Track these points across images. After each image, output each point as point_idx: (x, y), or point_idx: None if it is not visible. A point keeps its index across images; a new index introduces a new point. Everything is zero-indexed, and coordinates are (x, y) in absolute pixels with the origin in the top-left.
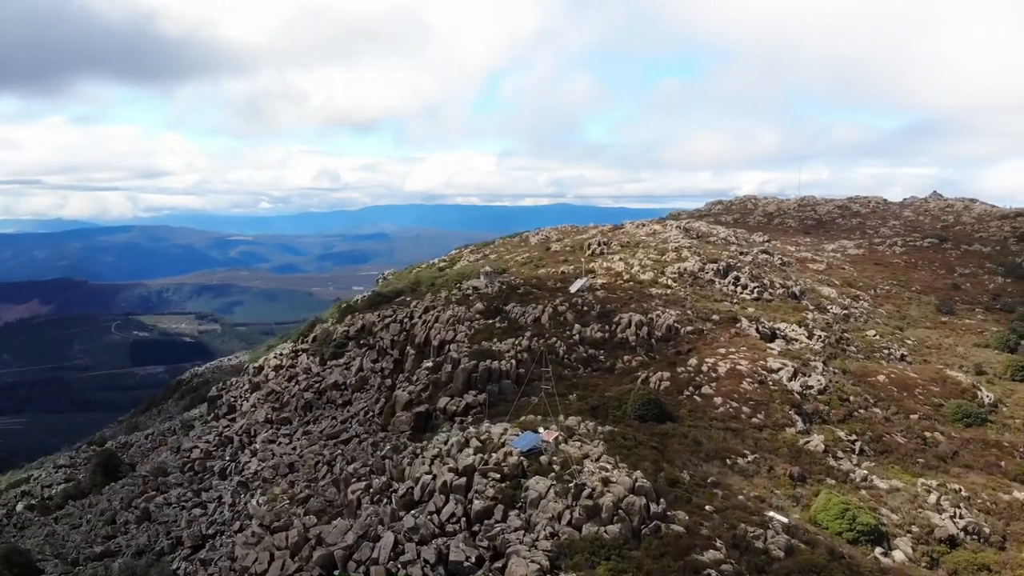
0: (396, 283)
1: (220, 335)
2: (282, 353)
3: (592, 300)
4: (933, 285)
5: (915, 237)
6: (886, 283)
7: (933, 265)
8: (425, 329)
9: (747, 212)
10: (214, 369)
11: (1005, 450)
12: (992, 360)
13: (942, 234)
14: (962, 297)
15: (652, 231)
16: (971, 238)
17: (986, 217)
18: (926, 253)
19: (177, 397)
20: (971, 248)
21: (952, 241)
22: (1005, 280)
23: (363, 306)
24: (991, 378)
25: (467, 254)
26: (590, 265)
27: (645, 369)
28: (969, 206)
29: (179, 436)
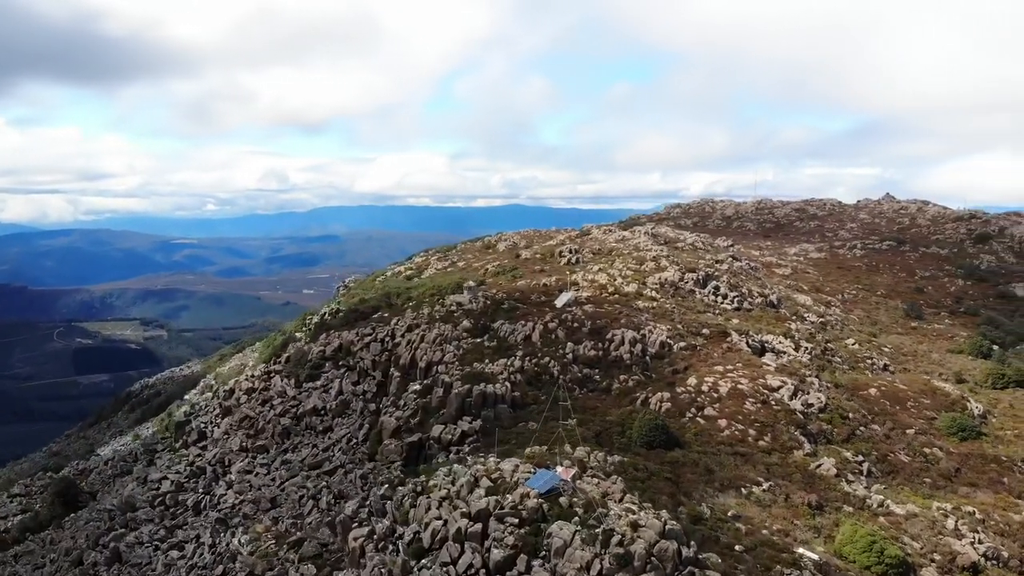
0: (363, 293)
1: (167, 341)
2: (253, 375)
3: (581, 316)
4: (897, 289)
5: (873, 240)
6: (852, 287)
7: (894, 268)
8: (410, 349)
9: (705, 215)
10: (165, 380)
11: (1004, 465)
12: (969, 367)
13: (899, 236)
14: (927, 300)
15: (621, 237)
16: (928, 240)
17: (940, 219)
18: (886, 256)
19: (127, 410)
20: (929, 250)
21: (910, 243)
22: (965, 282)
23: (338, 323)
24: (973, 387)
25: (434, 261)
26: (573, 277)
27: (643, 389)
28: (922, 208)
29: (143, 464)
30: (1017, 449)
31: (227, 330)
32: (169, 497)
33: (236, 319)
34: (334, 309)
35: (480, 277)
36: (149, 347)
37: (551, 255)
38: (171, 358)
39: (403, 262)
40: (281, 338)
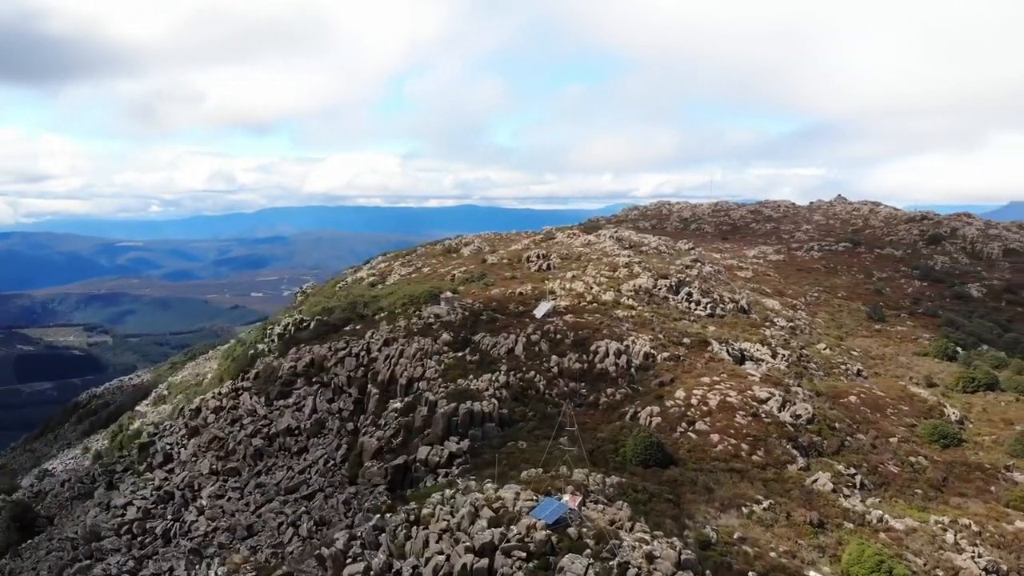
0: (325, 301)
1: (112, 347)
2: (221, 392)
3: (563, 327)
4: (856, 290)
5: (829, 241)
6: (813, 290)
7: (852, 269)
8: (389, 365)
9: (663, 218)
10: (114, 389)
11: (988, 472)
12: (936, 370)
13: (854, 238)
14: (886, 302)
15: (586, 241)
16: (882, 241)
17: (893, 220)
18: (842, 257)
19: (74, 421)
20: (884, 252)
21: (865, 245)
22: (922, 283)
23: (308, 336)
24: (944, 391)
25: (397, 267)
26: (550, 285)
27: (631, 403)
28: (874, 209)
29: (103, 487)
30: (997, 455)
31: (175, 335)
32: (136, 525)
33: (183, 323)
34: (298, 319)
35: (450, 285)
36: (94, 353)
37: (518, 260)
38: (117, 365)
39: (361, 266)
40: (241, 348)
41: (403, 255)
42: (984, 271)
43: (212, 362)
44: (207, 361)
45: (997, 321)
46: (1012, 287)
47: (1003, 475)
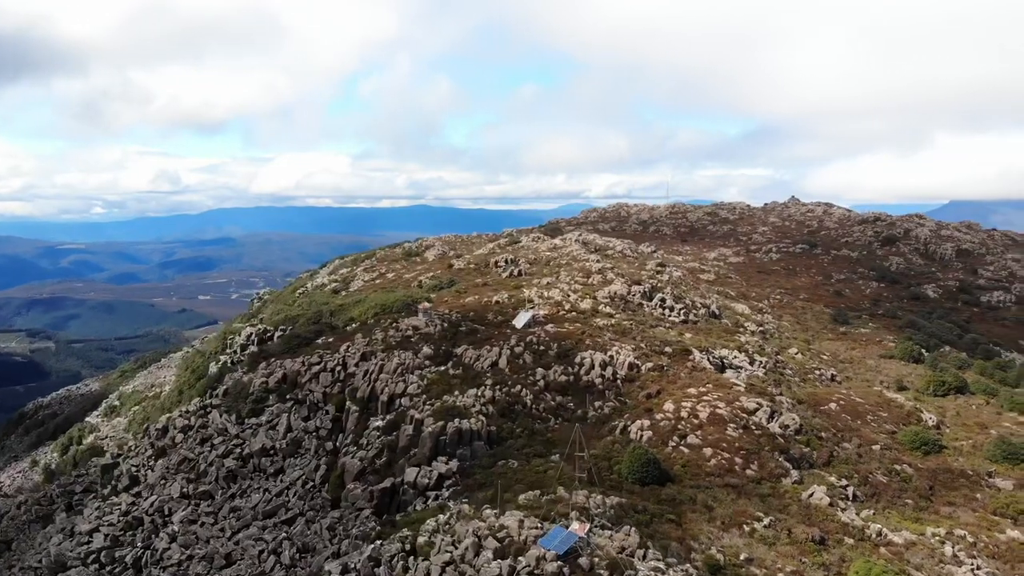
0: (288, 309)
1: (55, 353)
2: (188, 410)
3: (546, 337)
4: (817, 292)
5: (786, 243)
6: (775, 292)
7: (810, 271)
8: (368, 381)
9: (622, 220)
10: (61, 399)
11: (972, 479)
12: (904, 373)
13: (811, 239)
14: (847, 304)
15: (553, 246)
16: (838, 243)
17: (847, 222)
18: (800, 259)
19: (21, 432)
20: (840, 253)
21: (821, 246)
22: (879, 285)
23: (279, 350)
24: (917, 395)
25: (360, 272)
26: (527, 293)
27: (620, 416)
28: (828, 210)
29: (62, 509)
30: (976, 461)
31: (120, 340)
32: (104, 554)
33: (129, 328)
34: (261, 330)
35: (421, 293)
36: (36, 359)
37: (486, 265)
38: (60, 371)
39: (318, 270)
40: (201, 359)
41: (362, 259)
42: (938, 272)
43: (166, 371)
44: (160, 370)
45: (956, 322)
46: (966, 287)
47: (986, 482)
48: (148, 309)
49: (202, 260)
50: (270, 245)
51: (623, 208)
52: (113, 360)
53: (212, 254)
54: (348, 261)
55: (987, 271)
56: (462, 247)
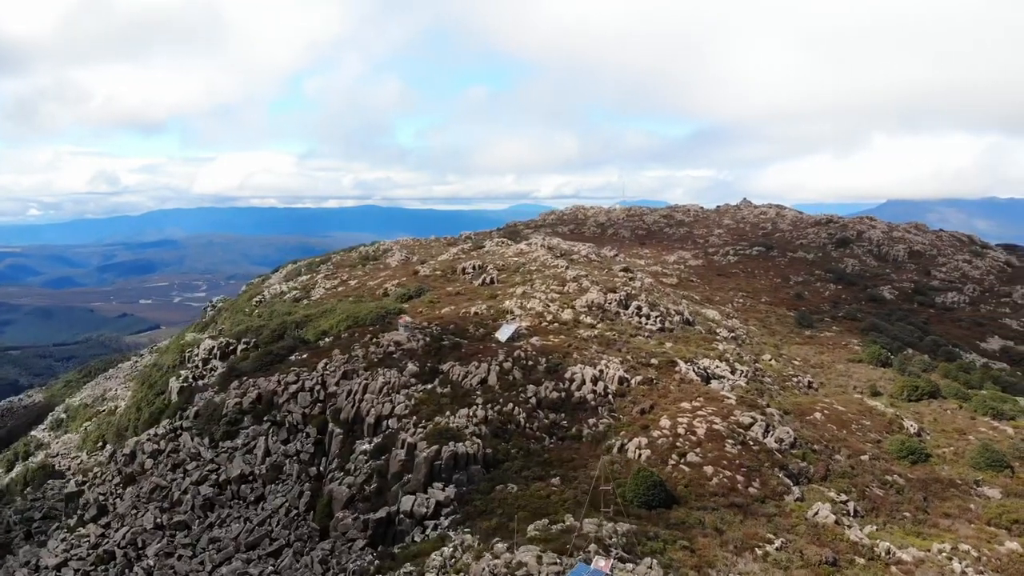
0: (248, 320)
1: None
2: (156, 433)
3: (532, 351)
4: (778, 295)
5: (743, 245)
6: (738, 296)
7: (768, 273)
8: (353, 401)
9: (580, 223)
10: (3, 411)
11: (962, 488)
12: (875, 377)
13: (767, 242)
14: (807, 306)
15: (519, 251)
16: (793, 245)
17: (800, 224)
18: (758, 261)
19: None
20: (796, 255)
21: (777, 249)
22: (837, 286)
23: (250, 367)
24: (894, 401)
25: (320, 280)
26: (507, 304)
27: (615, 434)
28: (780, 212)
29: (20, 537)
30: (963, 469)
31: (58, 346)
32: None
33: (67, 334)
34: (223, 343)
35: (392, 303)
36: None
37: (453, 271)
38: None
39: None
40: (160, 374)
41: (318, 263)
42: (893, 273)
43: (114, 381)
44: (107, 380)
45: (915, 324)
46: (921, 289)
47: (975, 490)
48: (87, 314)
49: (142, 263)
50: (213, 247)
51: (580, 211)
52: (52, 367)
53: (153, 257)
54: (303, 266)
55: (940, 272)
56: (421, 251)
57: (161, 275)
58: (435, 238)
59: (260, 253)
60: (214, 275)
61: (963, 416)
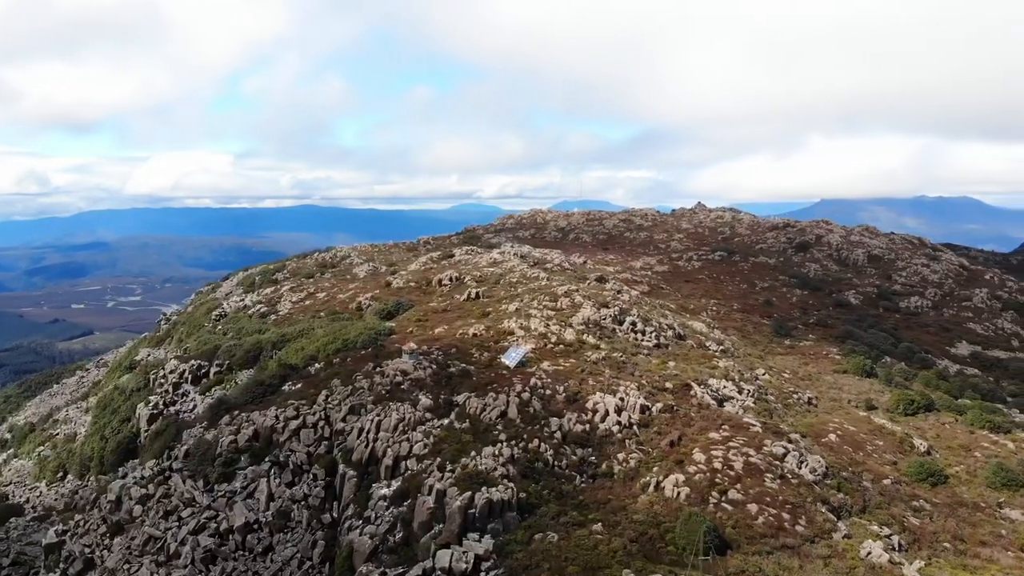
0: (213, 338)
1: None
2: (143, 476)
3: (547, 378)
4: (748, 302)
5: (705, 250)
6: (711, 304)
7: (734, 279)
8: (366, 440)
9: (540, 227)
10: None
11: (987, 512)
12: (864, 389)
13: (727, 247)
14: (779, 313)
15: (493, 260)
16: (754, 250)
17: (757, 228)
18: (721, 267)
19: None
20: (758, 260)
21: (739, 254)
22: (803, 292)
23: (241, 399)
24: (892, 416)
25: (285, 292)
26: (506, 325)
27: (648, 470)
28: (737, 216)
29: None
30: (981, 490)
31: None
32: None
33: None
34: (195, 366)
35: (380, 325)
36: None
37: (428, 283)
38: None
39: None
40: (123, 399)
41: (272, 271)
42: (855, 278)
43: (60, 399)
44: (52, 398)
45: (887, 330)
46: (884, 294)
47: (999, 513)
48: (16, 320)
49: (74, 266)
50: (147, 249)
51: (539, 215)
52: None
53: (84, 259)
54: (256, 274)
55: (900, 277)
56: (381, 258)
57: (93, 278)
58: (394, 243)
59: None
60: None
61: (963, 430)
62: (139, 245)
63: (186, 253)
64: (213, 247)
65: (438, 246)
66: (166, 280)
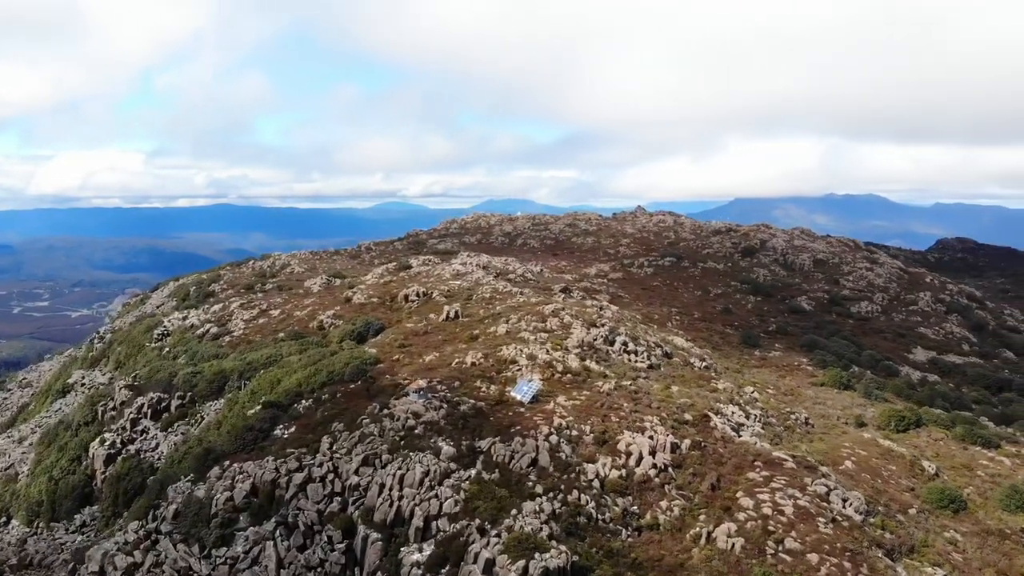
0: (167, 365)
1: None
2: (126, 541)
3: (569, 417)
4: (707, 311)
5: (654, 256)
6: (673, 312)
7: (688, 286)
8: (389, 499)
9: (486, 233)
10: None
11: (1013, 539)
12: (847, 404)
13: (675, 252)
14: (738, 322)
15: (455, 272)
16: (701, 255)
17: (701, 232)
18: (673, 272)
19: None
20: (707, 265)
21: (687, 259)
22: (756, 298)
23: (229, 446)
24: (887, 434)
25: (236, 309)
26: (505, 352)
27: (694, 519)
28: (678, 220)
29: None
30: (999, 514)
31: None
32: None
33: None
34: (155, 399)
35: (366, 354)
36: None
37: (392, 299)
38: None
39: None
40: (71, 437)
41: (207, 282)
42: (803, 283)
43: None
44: None
45: (848, 338)
46: (835, 299)
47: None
48: None
49: None
50: (54, 251)
51: (483, 219)
52: None
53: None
54: (190, 286)
55: (847, 281)
56: (324, 266)
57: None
58: (335, 250)
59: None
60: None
61: (957, 447)
62: (45, 247)
63: (95, 255)
64: (124, 248)
65: (382, 252)
66: (75, 284)
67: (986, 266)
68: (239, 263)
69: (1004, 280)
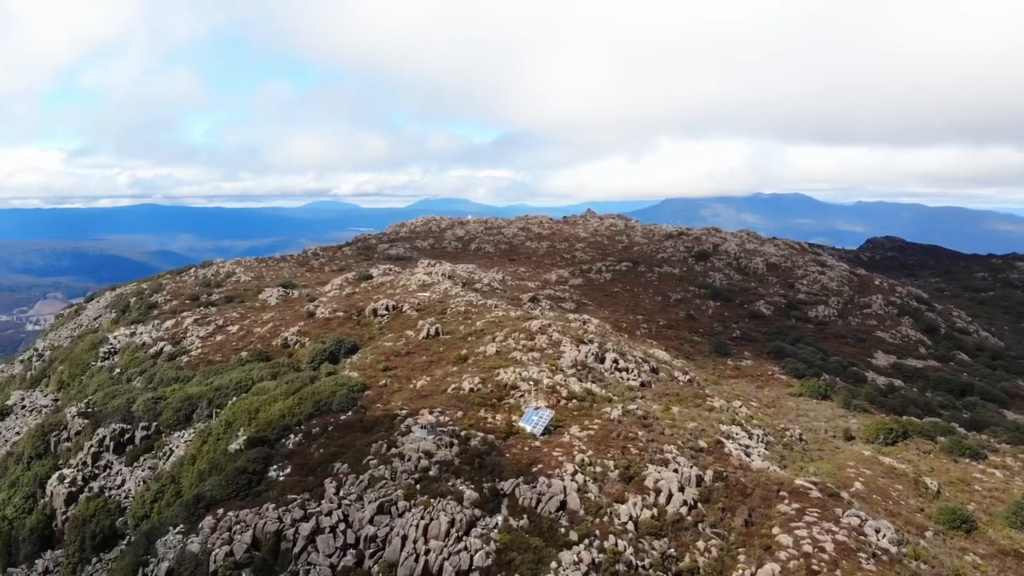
0: (124, 390)
1: None
2: None
3: (591, 452)
4: (670, 317)
5: (611, 261)
6: (640, 320)
7: (648, 291)
8: (415, 553)
9: (437, 237)
10: None
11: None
12: (829, 416)
13: (630, 256)
14: (703, 328)
15: (423, 283)
16: (656, 259)
17: (654, 236)
18: (631, 278)
19: None
20: (663, 270)
21: (644, 264)
22: (716, 304)
23: (220, 491)
24: (879, 448)
25: (191, 325)
26: (504, 377)
27: (732, 559)
28: (628, 224)
29: None
30: (1007, 532)
31: None
32: None
33: None
34: (117, 430)
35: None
36: None
37: (359, 313)
38: None
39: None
40: (19, 469)
41: (148, 291)
42: (760, 287)
43: None
44: None
45: (814, 344)
46: (793, 303)
47: None
48: None
49: None
50: None
51: (434, 222)
52: None
53: None
54: (129, 294)
55: (802, 285)
56: (270, 274)
57: None
58: (280, 256)
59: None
60: None
61: (947, 460)
62: None
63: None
64: (45, 251)
65: (331, 259)
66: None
67: (916, 264)
68: (179, 271)
69: (938, 279)
